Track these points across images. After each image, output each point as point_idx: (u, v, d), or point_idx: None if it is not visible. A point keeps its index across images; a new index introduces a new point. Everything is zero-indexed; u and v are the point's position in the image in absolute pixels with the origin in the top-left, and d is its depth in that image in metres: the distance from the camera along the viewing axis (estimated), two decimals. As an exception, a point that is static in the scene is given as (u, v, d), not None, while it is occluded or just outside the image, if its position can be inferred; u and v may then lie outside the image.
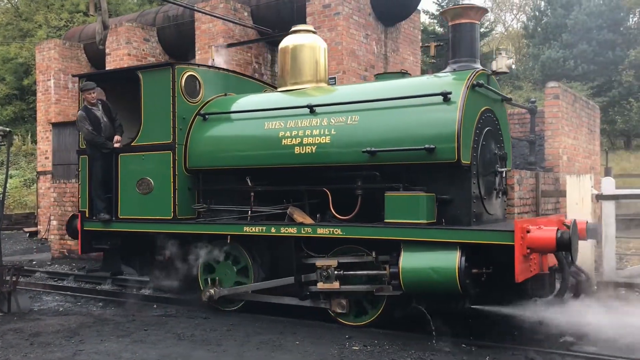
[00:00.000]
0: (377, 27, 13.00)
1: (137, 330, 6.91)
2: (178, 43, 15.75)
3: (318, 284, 6.84)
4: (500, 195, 7.20)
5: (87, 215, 8.49)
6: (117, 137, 8.27)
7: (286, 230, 6.93)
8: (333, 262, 6.77)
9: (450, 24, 7.01)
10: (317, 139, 6.94)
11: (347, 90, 7.52)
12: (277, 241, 7.31)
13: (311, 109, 7.09)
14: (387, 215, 6.40)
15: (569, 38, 27.88)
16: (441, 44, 7.23)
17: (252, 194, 7.55)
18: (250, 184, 7.54)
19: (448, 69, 7.00)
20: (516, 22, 38.67)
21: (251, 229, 7.14)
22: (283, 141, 7.16)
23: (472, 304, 6.28)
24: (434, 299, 6.34)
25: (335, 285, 6.74)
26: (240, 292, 7.51)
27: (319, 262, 6.84)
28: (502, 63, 6.78)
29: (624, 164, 27.29)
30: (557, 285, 6.38)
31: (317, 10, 12.35)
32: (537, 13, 32.69)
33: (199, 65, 8.38)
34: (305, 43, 7.95)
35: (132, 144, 8.18)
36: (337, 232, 6.60)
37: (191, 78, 8.05)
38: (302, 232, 6.82)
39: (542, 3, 32.77)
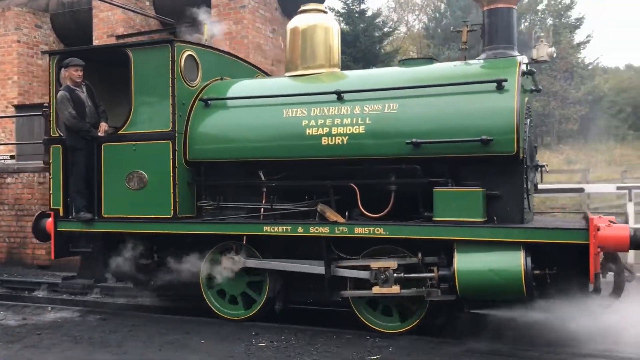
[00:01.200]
0: (284, 22, 12.60)
1: (29, 335, 6.47)
2: (74, 31, 14.83)
3: (374, 288, 6.12)
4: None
5: (61, 214, 7.35)
6: (103, 125, 7.20)
7: (316, 229, 6.21)
8: (392, 264, 6.09)
9: (485, 8, 6.54)
10: (349, 129, 6.26)
11: (375, 76, 6.87)
12: (298, 243, 6.59)
13: (339, 95, 6.40)
14: (436, 213, 5.84)
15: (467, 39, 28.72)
16: (474, 29, 6.74)
17: (265, 189, 6.76)
18: (263, 178, 6.75)
19: (483, 55, 6.56)
20: (418, 22, 39.47)
21: (273, 229, 6.36)
22: (307, 131, 6.42)
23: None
24: (492, 304, 5.85)
25: (395, 289, 6.06)
26: (267, 267, 6.64)
27: (375, 264, 6.13)
28: (543, 51, 6.37)
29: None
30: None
31: (223, 2, 11.91)
32: (437, 15, 33.31)
33: (196, 44, 7.43)
34: (317, 23, 7.22)
35: (119, 132, 7.14)
36: (380, 231, 5.97)
37: (190, 58, 7.12)
38: (336, 232, 6.13)
39: (442, 5, 33.48)
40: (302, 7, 7.48)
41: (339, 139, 6.29)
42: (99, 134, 7.15)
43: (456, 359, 5.46)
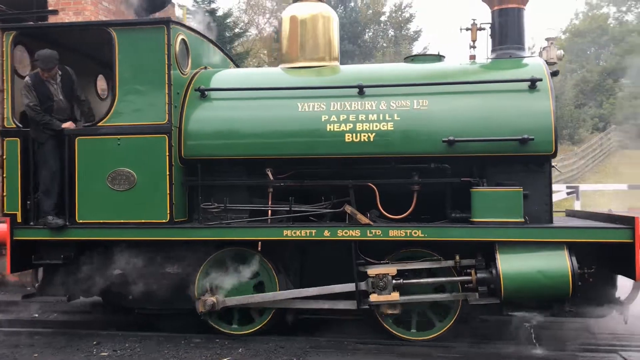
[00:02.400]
0: (129, 16, 11.87)
1: None
2: None
3: (370, 295, 5.80)
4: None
5: (18, 220, 6.19)
6: (69, 123, 6.19)
7: (345, 233, 5.76)
8: (390, 270, 5.80)
9: (495, 8, 6.50)
10: (375, 125, 5.90)
11: (393, 71, 6.51)
12: (313, 248, 6.09)
13: (361, 89, 6.02)
14: (476, 214, 5.65)
15: (317, 45, 29.35)
16: (483, 28, 6.68)
17: (271, 190, 6.18)
18: (271, 177, 6.16)
19: (493, 55, 6.51)
20: (269, 25, 39.39)
21: (294, 233, 5.80)
22: (328, 127, 5.96)
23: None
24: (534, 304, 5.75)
25: (394, 296, 5.77)
26: (257, 301, 6.05)
27: (372, 271, 5.81)
28: (553, 53, 6.45)
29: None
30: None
31: (63, -10, 11.00)
32: None
33: (188, 27, 6.60)
34: (318, 13, 6.74)
35: (99, 124, 6.16)
36: (417, 233, 5.65)
37: (182, 43, 6.34)
38: (369, 235, 5.72)
39: (292, 11, 33.89)
40: (296, -8, 6.97)
41: (364, 135, 5.90)
42: (64, 125, 6.11)
43: (302, 355, 5.58)
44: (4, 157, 6.23)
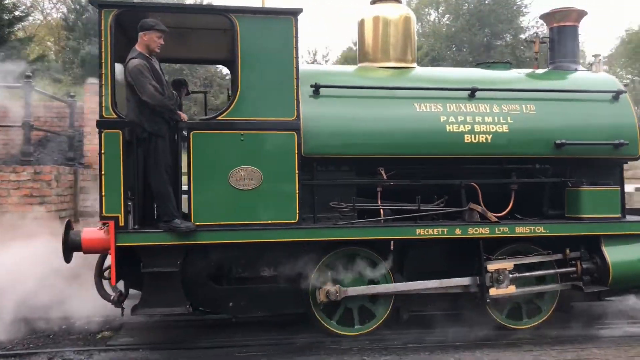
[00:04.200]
0: None
1: None
2: None
3: (490, 290, 6.13)
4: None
5: (121, 224, 5.44)
6: (183, 114, 5.67)
7: (475, 230, 5.98)
8: (508, 265, 6.18)
9: (554, 25, 7.18)
10: (492, 127, 6.22)
11: (498, 76, 6.83)
12: (427, 245, 6.21)
13: (472, 92, 6.30)
14: (584, 210, 6.21)
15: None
16: (545, 42, 7.31)
17: (380, 189, 6.20)
18: (384, 176, 6.19)
19: (551, 67, 7.20)
20: (56, 11, 36.17)
21: (427, 232, 5.89)
22: (447, 127, 6.15)
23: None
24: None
25: (511, 289, 6.17)
26: (380, 291, 6.07)
27: (492, 266, 6.14)
28: (599, 68, 7.28)
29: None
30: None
31: None
32: (78, 7, 31.28)
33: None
34: (404, 14, 6.87)
35: (218, 117, 5.66)
36: (540, 230, 6.09)
37: (296, 36, 6.08)
38: (497, 232, 6.02)
39: (84, -2, 31.90)
40: (376, -6, 7.02)
41: (482, 137, 6.19)
42: (185, 118, 5.60)
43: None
44: (103, 152, 5.43)
